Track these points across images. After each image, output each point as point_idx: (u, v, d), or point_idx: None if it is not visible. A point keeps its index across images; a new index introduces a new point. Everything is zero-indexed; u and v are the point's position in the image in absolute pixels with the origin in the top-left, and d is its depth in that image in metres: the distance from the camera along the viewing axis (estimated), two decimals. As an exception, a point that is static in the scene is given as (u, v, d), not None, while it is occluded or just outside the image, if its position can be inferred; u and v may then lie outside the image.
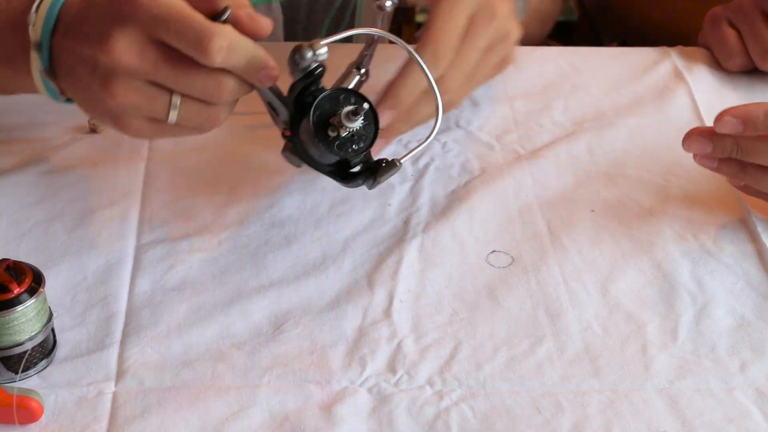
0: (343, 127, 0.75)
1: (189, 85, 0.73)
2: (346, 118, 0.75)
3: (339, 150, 0.75)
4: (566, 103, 1.00)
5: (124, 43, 0.72)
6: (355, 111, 0.75)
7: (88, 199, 0.85)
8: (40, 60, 0.77)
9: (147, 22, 0.72)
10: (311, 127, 0.75)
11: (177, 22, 0.71)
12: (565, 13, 1.99)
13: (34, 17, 0.76)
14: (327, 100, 0.75)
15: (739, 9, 1.03)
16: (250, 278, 0.79)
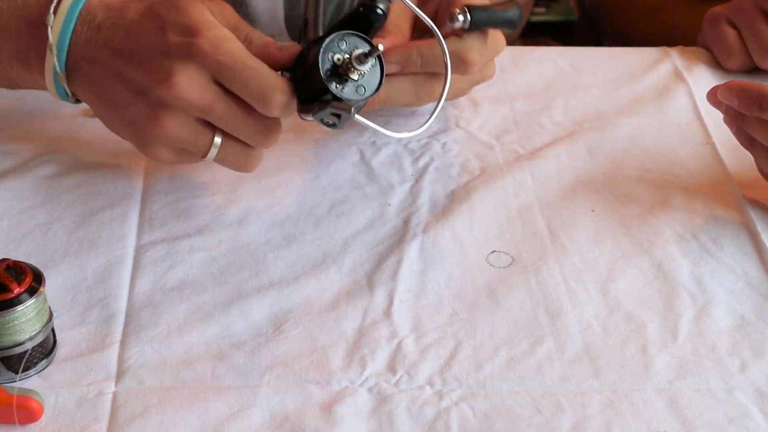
0: (351, 69, 0.75)
1: (241, 128, 0.77)
2: (357, 60, 0.75)
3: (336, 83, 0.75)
4: (566, 103, 1.00)
5: (187, 80, 0.75)
6: (368, 53, 0.75)
7: (89, 200, 0.85)
8: (57, 62, 0.78)
9: (211, 66, 0.75)
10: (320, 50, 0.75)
11: (242, 72, 0.75)
12: (565, 13, 2.00)
13: (52, 18, 0.78)
14: (353, 38, 0.76)
15: (739, 8, 1.03)
16: (250, 278, 0.79)
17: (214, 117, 0.77)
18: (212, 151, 0.79)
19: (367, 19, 0.77)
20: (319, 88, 0.75)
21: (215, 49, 0.74)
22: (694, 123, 0.98)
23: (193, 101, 0.75)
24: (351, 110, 0.74)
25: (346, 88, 0.75)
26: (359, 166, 0.91)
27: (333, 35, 0.75)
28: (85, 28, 0.78)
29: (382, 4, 0.77)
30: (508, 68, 0.92)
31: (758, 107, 0.81)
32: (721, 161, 0.93)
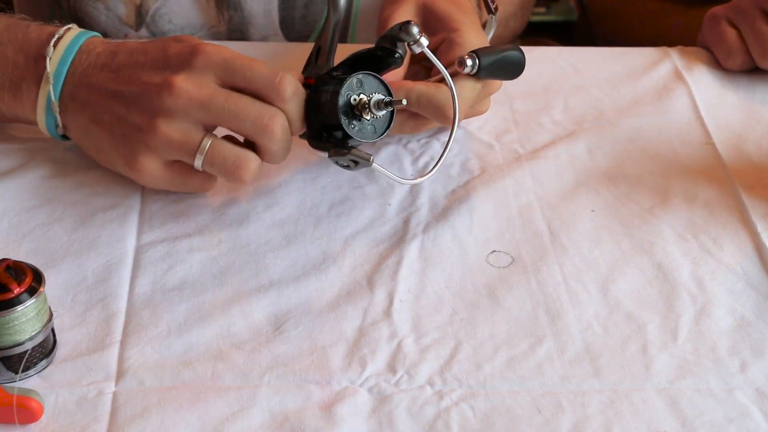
0: (366, 110, 0.77)
1: (242, 118, 0.78)
2: (375, 105, 0.77)
3: (348, 121, 0.77)
4: (566, 103, 1.00)
5: (186, 81, 0.78)
6: (388, 102, 0.77)
7: (89, 200, 0.85)
8: (53, 91, 0.79)
9: (216, 64, 0.78)
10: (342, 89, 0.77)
11: (249, 65, 0.78)
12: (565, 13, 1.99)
13: (51, 50, 0.81)
14: (371, 79, 0.78)
15: (739, 8, 1.03)
16: (250, 278, 0.79)
17: (215, 109, 0.78)
18: (197, 158, 0.79)
19: (384, 61, 0.80)
20: (333, 123, 0.77)
21: (219, 50, 0.78)
22: (694, 123, 0.98)
23: (193, 96, 0.77)
24: (370, 159, 0.77)
25: (357, 128, 0.78)
26: (359, 166, 0.91)
27: (354, 76, 0.77)
28: (84, 57, 0.81)
29: (401, 50, 0.80)
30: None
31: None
32: (721, 161, 0.93)
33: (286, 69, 0.80)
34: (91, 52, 0.82)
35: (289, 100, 0.78)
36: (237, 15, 1.08)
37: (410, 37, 0.79)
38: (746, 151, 0.94)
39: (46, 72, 0.80)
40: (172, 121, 0.78)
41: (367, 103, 0.77)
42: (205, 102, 0.77)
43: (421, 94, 0.82)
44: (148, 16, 1.08)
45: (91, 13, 1.07)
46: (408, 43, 0.79)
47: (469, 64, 0.83)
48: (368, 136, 0.78)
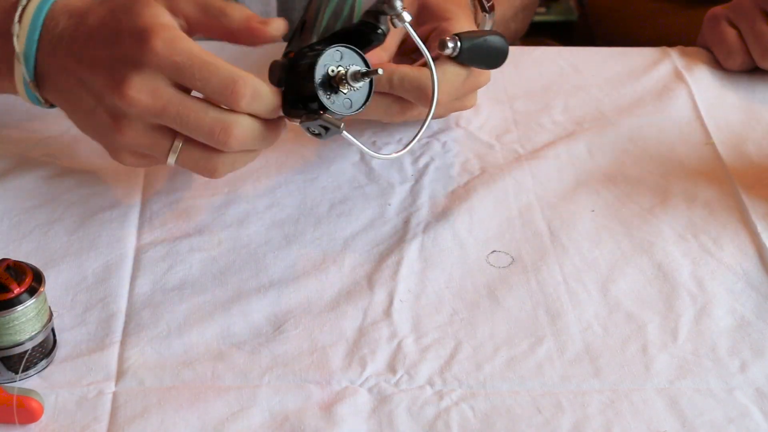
0: (344, 83, 0.76)
1: (197, 128, 0.75)
2: (352, 76, 0.76)
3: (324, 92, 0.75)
4: (566, 103, 1.00)
5: (138, 87, 0.74)
6: (365, 73, 0.76)
7: (89, 201, 0.85)
8: (26, 71, 0.78)
9: (168, 68, 0.74)
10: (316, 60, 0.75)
11: (201, 69, 0.74)
12: (565, 13, 1.99)
13: (17, 27, 0.78)
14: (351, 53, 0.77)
15: (739, 8, 1.03)
16: (250, 278, 0.79)
17: (169, 119, 0.75)
18: (171, 156, 0.77)
19: (366, 37, 0.79)
20: (309, 94, 0.76)
21: (170, 51, 0.73)
22: (694, 123, 0.98)
23: (144, 106, 0.74)
24: (341, 126, 0.75)
25: (334, 100, 0.76)
26: (359, 166, 0.91)
27: (333, 47, 0.76)
28: (50, 36, 0.78)
29: (384, 26, 0.79)
30: (507, 68, 0.91)
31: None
32: (721, 161, 0.93)
33: None
34: (55, 29, 0.78)
35: (247, 106, 0.74)
36: None
37: (393, 10, 0.78)
38: (746, 151, 0.94)
39: (17, 53, 0.78)
40: (132, 124, 0.76)
41: (344, 75, 0.76)
42: (158, 112, 0.74)
43: (404, 76, 0.82)
44: None
45: None
46: (391, 17, 0.78)
47: (450, 47, 0.82)
48: (344, 109, 0.77)
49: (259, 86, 0.75)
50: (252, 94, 0.74)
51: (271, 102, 0.75)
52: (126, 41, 0.74)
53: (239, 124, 0.75)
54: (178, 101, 0.74)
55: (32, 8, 0.78)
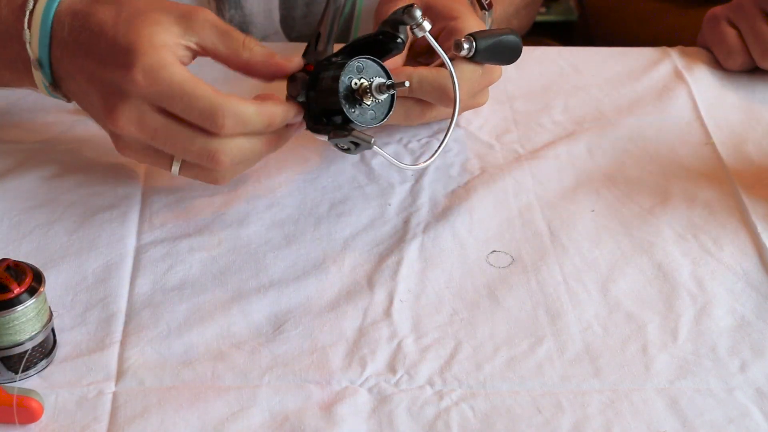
0: (367, 95, 0.76)
1: (185, 153, 0.77)
2: (377, 89, 0.76)
3: (349, 105, 0.76)
4: (566, 103, 1.00)
5: (126, 115, 0.75)
6: (390, 85, 0.76)
7: (89, 200, 0.85)
8: (43, 76, 0.79)
9: (151, 97, 0.74)
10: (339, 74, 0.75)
11: (183, 99, 0.74)
12: (565, 13, 1.99)
13: (28, 34, 0.78)
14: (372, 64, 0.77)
15: (739, 8, 1.03)
16: (250, 278, 0.79)
17: (159, 145, 0.76)
18: (174, 167, 0.79)
19: (385, 46, 0.79)
20: (333, 108, 0.76)
21: (150, 80, 0.73)
22: (694, 123, 0.98)
23: (134, 135, 0.76)
24: (371, 141, 0.75)
25: (358, 112, 0.76)
26: (359, 166, 0.91)
27: (354, 60, 0.76)
28: (58, 40, 0.78)
29: (403, 35, 0.78)
30: (508, 68, 0.91)
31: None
32: (721, 161, 0.93)
33: None
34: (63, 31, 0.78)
35: (231, 131, 0.75)
36: (238, 14, 1.08)
37: (413, 20, 0.77)
38: (746, 151, 0.94)
39: (32, 59, 0.78)
40: (133, 145, 0.78)
41: (368, 87, 0.76)
42: (148, 139, 0.76)
43: (422, 78, 0.82)
44: None
45: None
46: (411, 26, 0.78)
47: (466, 47, 0.82)
48: (369, 121, 0.77)
49: (242, 111, 0.75)
50: (234, 123, 0.74)
51: (259, 122, 0.76)
52: (114, 61, 0.75)
53: (225, 150, 0.76)
54: (165, 130, 0.75)
55: (39, 12, 0.78)
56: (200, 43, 0.77)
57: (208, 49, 0.77)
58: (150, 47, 0.74)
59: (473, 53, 0.83)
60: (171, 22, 0.76)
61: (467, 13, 0.88)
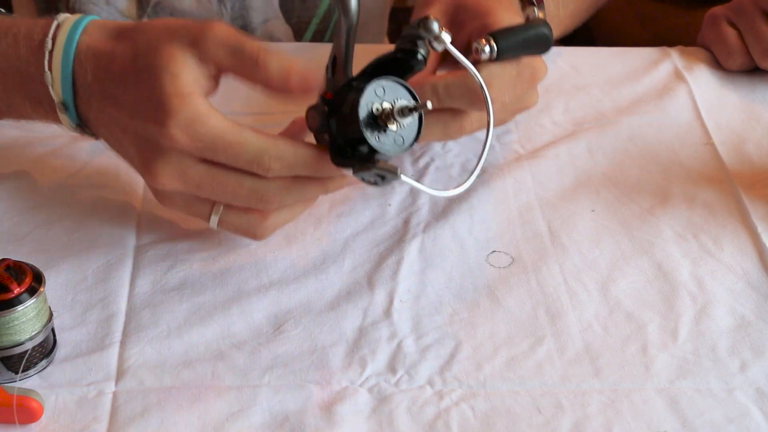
0: (391, 120, 0.71)
1: (234, 198, 0.74)
2: (399, 112, 0.71)
3: (372, 133, 0.71)
4: (566, 103, 1.00)
5: (168, 172, 0.72)
6: (413, 108, 0.71)
7: (89, 200, 0.85)
8: (69, 118, 0.77)
9: (192, 151, 0.71)
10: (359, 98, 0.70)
11: (227, 150, 0.71)
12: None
13: (49, 77, 0.76)
14: (394, 85, 0.72)
15: (739, 8, 1.03)
16: (250, 278, 0.79)
17: (204, 194, 0.74)
18: (213, 218, 0.76)
19: (406, 64, 0.74)
20: (356, 138, 0.71)
21: (190, 137, 0.71)
22: (694, 123, 0.97)
23: (177, 188, 0.73)
24: (398, 171, 0.70)
25: (384, 139, 0.71)
26: (359, 166, 0.91)
27: (373, 83, 0.71)
28: (82, 85, 0.76)
29: (423, 49, 0.73)
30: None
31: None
32: (721, 161, 0.93)
33: None
34: (86, 76, 0.75)
35: (279, 173, 0.72)
36: (237, 1, 1.08)
37: (430, 33, 0.72)
38: (746, 152, 0.94)
39: (56, 103, 0.76)
40: (172, 196, 0.75)
41: (390, 111, 0.71)
42: (192, 191, 0.74)
43: (449, 85, 0.78)
44: (149, 7, 1.07)
45: (92, 10, 1.07)
46: (428, 40, 0.72)
47: (487, 51, 0.77)
48: (396, 148, 0.72)
49: (288, 153, 0.72)
50: (281, 165, 0.72)
51: (306, 161, 0.73)
52: (147, 114, 0.72)
53: (275, 191, 0.74)
54: (210, 179, 0.73)
55: (59, 53, 0.75)
56: (217, 65, 0.74)
57: (222, 68, 0.74)
58: (180, 98, 0.71)
59: (496, 54, 0.78)
60: (185, 50, 0.72)
61: (499, 9, 0.83)
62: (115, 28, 0.76)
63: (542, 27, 0.80)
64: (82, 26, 0.76)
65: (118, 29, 0.76)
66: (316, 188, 0.76)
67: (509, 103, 0.81)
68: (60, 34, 0.76)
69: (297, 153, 0.72)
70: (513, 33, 0.78)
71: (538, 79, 0.83)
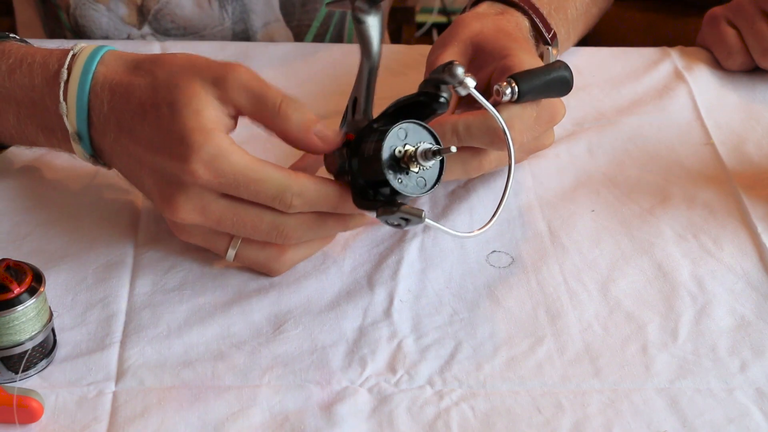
0: (413, 162, 0.71)
1: (253, 233, 0.74)
2: (422, 155, 0.71)
3: (394, 175, 0.71)
4: (566, 104, 1.00)
5: (188, 206, 0.72)
6: (436, 151, 0.71)
7: (89, 201, 0.85)
8: (83, 149, 0.77)
9: (213, 187, 0.71)
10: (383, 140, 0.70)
11: (249, 187, 0.71)
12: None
13: (64, 107, 0.76)
14: (416, 127, 0.72)
15: (739, 8, 1.03)
16: (250, 278, 0.79)
17: (225, 229, 0.74)
18: (230, 252, 0.77)
19: (429, 107, 0.74)
20: (378, 180, 0.71)
21: (212, 173, 0.70)
22: (694, 123, 0.98)
23: (197, 222, 0.73)
24: (422, 215, 0.69)
25: (406, 183, 0.71)
26: (359, 166, 0.91)
27: (396, 126, 0.71)
28: (98, 116, 0.75)
29: (446, 93, 0.73)
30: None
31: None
32: (721, 161, 0.93)
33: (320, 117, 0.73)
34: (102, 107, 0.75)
35: (301, 209, 0.72)
36: (238, 5, 1.09)
37: (455, 78, 0.72)
38: (746, 152, 0.94)
39: (71, 133, 0.76)
40: (190, 230, 0.76)
41: (413, 154, 0.70)
42: (213, 225, 0.74)
43: (469, 125, 0.77)
44: (150, 15, 1.08)
45: (92, 15, 1.07)
46: (453, 85, 0.72)
47: (508, 93, 0.77)
48: (418, 189, 0.72)
49: (311, 190, 0.72)
50: (303, 201, 0.72)
51: (328, 198, 0.73)
52: (167, 150, 0.71)
53: (295, 226, 0.74)
54: (231, 214, 0.73)
55: (75, 83, 0.75)
56: (237, 107, 0.73)
57: (244, 113, 0.74)
58: (202, 134, 0.70)
59: (517, 96, 0.78)
60: (207, 88, 0.72)
61: (519, 50, 0.83)
62: (132, 60, 0.76)
63: (563, 70, 0.80)
64: (98, 57, 0.76)
65: (135, 61, 0.76)
66: (337, 225, 0.76)
67: (526, 143, 0.82)
68: (76, 65, 0.75)
69: (318, 190, 0.72)
70: (534, 76, 0.79)
71: (556, 121, 0.83)
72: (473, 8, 0.92)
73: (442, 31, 1.45)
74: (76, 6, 1.06)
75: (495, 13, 0.90)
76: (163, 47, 1.03)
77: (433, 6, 2.32)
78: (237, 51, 1.04)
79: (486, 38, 0.85)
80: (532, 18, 0.91)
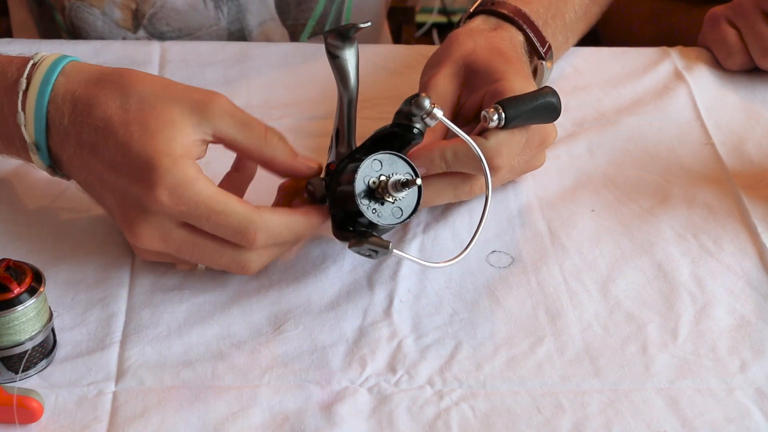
0: (386, 193, 0.72)
1: (212, 264, 0.75)
2: (393, 187, 0.72)
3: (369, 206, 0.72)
4: (566, 103, 0.99)
5: (149, 234, 0.72)
6: (404, 183, 0.72)
7: (89, 201, 0.85)
8: (42, 160, 0.77)
9: (176, 216, 0.71)
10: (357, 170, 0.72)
11: (211, 218, 0.71)
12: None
13: (22, 117, 0.75)
14: (391, 158, 0.73)
15: (739, 8, 1.03)
16: (250, 278, 0.79)
17: (184, 257, 0.74)
18: (199, 267, 0.77)
19: (404, 137, 0.75)
20: (353, 210, 0.72)
21: (176, 200, 0.70)
22: (694, 123, 0.98)
23: (158, 249, 0.73)
24: (389, 246, 0.71)
25: (381, 212, 0.73)
26: (359, 166, 0.91)
27: (369, 158, 0.72)
28: (57, 128, 0.74)
29: (419, 124, 0.74)
30: (508, 68, 0.91)
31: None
32: (721, 161, 0.93)
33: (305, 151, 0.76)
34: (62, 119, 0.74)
35: (263, 245, 0.73)
36: (234, 5, 1.09)
37: (421, 110, 0.73)
38: (746, 152, 0.94)
39: (29, 143, 0.75)
40: (153, 254, 0.76)
41: (385, 185, 0.72)
42: (172, 252, 0.74)
43: (457, 151, 0.77)
44: (145, 19, 1.07)
45: (87, 18, 1.07)
46: (421, 116, 0.73)
47: (495, 119, 0.77)
48: (394, 219, 0.73)
49: (274, 225, 0.72)
50: (266, 237, 0.72)
51: (289, 236, 0.74)
52: (132, 173, 0.71)
53: (255, 260, 0.74)
54: (191, 245, 0.73)
55: (33, 93, 0.74)
56: (217, 134, 0.73)
57: (224, 140, 0.74)
58: (170, 161, 0.70)
59: (503, 122, 0.77)
60: (185, 114, 0.72)
61: (511, 73, 0.83)
62: (96, 72, 0.75)
63: (550, 96, 0.80)
64: (60, 68, 0.75)
65: (99, 74, 0.75)
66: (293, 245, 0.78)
67: (517, 166, 0.82)
68: (36, 74, 0.74)
69: (281, 223, 0.73)
70: (521, 102, 0.78)
71: (547, 144, 0.83)
72: (468, 23, 0.91)
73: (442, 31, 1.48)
74: (71, 8, 1.06)
75: (489, 29, 0.89)
76: (163, 47, 1.03)
77: (433, 6, 2.32)
78: (236, 51, 1.04)
79: (479, 58, 0.85)
80: (526, 32, 0.90)
